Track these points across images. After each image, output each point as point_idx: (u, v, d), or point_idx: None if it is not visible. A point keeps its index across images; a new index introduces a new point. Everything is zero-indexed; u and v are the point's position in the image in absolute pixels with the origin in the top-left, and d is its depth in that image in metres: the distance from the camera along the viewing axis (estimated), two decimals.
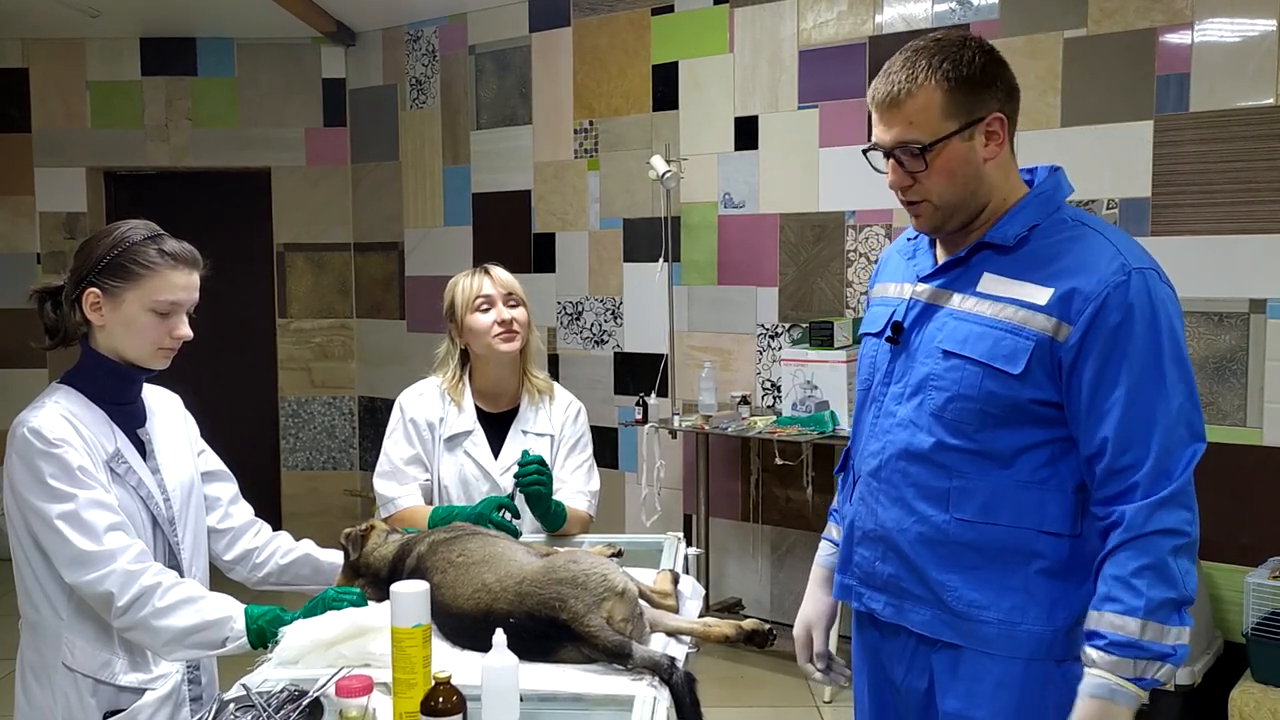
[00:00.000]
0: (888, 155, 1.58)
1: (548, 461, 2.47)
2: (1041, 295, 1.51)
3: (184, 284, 1.83)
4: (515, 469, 2.26)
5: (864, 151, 1.64)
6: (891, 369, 1.67)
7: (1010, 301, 1.54)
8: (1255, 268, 3.42)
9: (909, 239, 1.76)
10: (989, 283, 1.57)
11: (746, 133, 4.49)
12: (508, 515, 2.20)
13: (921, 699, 1.65)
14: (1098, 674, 1.43)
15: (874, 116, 1.59)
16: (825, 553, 1.88)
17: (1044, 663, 1.55)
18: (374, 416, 5.88)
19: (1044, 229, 1.58)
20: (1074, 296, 1.49)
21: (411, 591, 1.48)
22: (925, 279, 1.65)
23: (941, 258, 1.66)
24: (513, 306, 2.43)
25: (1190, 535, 1.46)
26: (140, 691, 1.81)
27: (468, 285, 2.44)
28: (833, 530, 1.88)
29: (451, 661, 1.59)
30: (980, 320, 1.56)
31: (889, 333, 1.67)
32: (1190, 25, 3.50)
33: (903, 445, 1.62)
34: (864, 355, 1.76)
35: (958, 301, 1.59)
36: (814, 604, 1.88)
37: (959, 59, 1.53)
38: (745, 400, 4.32)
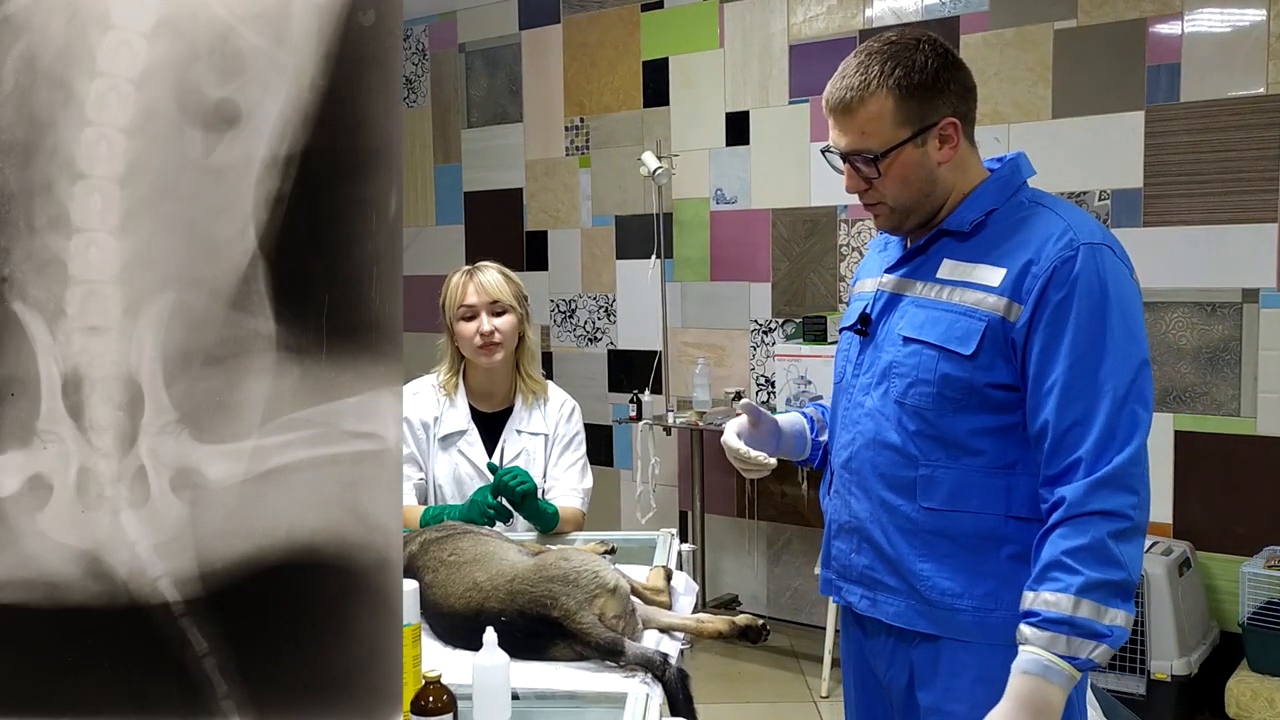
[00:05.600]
0: (844, 159, 1.59)
1: (541, 460, 2.47)
2: (994, 276, 1.52)
3: None
4: (496, 480, 2.24)
5: (822, 152, 1.65)
6: (861, 360, 1.68)
7: (966, 285, 1.55)
8: (1248, 257, 3.42)
9: (882, 232, 1.78)
10: (947, 268, 1.59)
11: (738, 128, 4.48)
12: (503, 500, 2.21)
13: (903, 694, 1.65)
14: (1030, 650, 1.41)
15: (829, 120, 1.60)
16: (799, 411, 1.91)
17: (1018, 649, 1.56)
18: None
19: (1001, 212, 1.58)
20: (1022, 276, 1.49)
21: None
22: (890, 270, 1.67)
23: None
24: (498, 315, 2.41)
25: (1133, 519, 1.41)
26: None
27: (455, 289, 2.43)
28: (808, 410, 1.90)
29: (443, 661, 1.59)
30: (938, 305, 1.57)
31: (858, 324, 1.69)
32: (1180, 15, 3.49)
33: (870, 435, 1.63)
34: (839, 351, 1.77)
35: (919, 289, 1.61)
36: (754, 422, 1.82)
37: (911, 64, 1.53)
38: (739, 396, 4.31)
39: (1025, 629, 1.43)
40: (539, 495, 2.30)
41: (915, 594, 1.59)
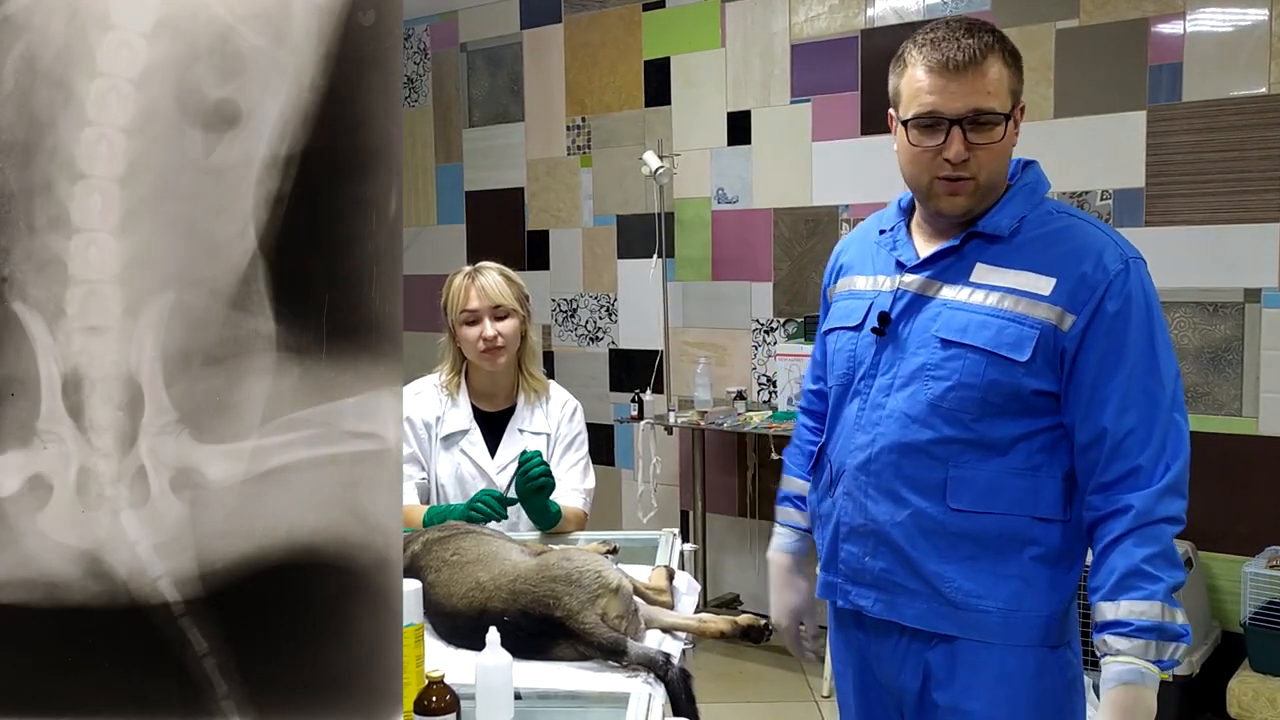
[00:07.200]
0: (954, 125, 1.52)
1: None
2: (1044, 285, 1.52)
3: None
4: (516, 466, 2.25)
5: (905, 122, 1.56)
6: (878, 361, 1.64)
7: (1009, 291, 1.54)
8: (1250, 257, 3.41)
9: (883, 230, 1.72)
10: (983, 272, 1.57)
11: (739, 128, 4.48)
12: (495, 505, 2.21)
13: (916, 697, 1.63)
14: (1124, 660, 1.44)
15: (932, 84, 1.52)
16: (790, 539, 1.89)
17: (1039, 649, 1.56)
18: None
19: (1032, 220, 1.58)
20: (1078, 286, 1.50)
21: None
22: (914, 269, 1.63)
23: (923, 248, 1.64)
24: (500, 319, 2.41)
25: (1184, 522, 1.50)
26: None
27: (457, 293, 2.43)
28: (794, 515, 1.89)
29: (446, 661, 1.59)
30: (979, 309, 1.55)
31: (875, 324, 1.64)
32: (1182, 15, 3.49)
33: (894, 438, 1.60)
34: (839, 350, 1.72)
35: (951, 292, 1.58)
36: (795, 593, 1.89)
37: (1007, 39, 1.55)
38: (741, 395, 4.31)
39: (1114, 640, 1.45)
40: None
41: (938, 596, 1.58)
